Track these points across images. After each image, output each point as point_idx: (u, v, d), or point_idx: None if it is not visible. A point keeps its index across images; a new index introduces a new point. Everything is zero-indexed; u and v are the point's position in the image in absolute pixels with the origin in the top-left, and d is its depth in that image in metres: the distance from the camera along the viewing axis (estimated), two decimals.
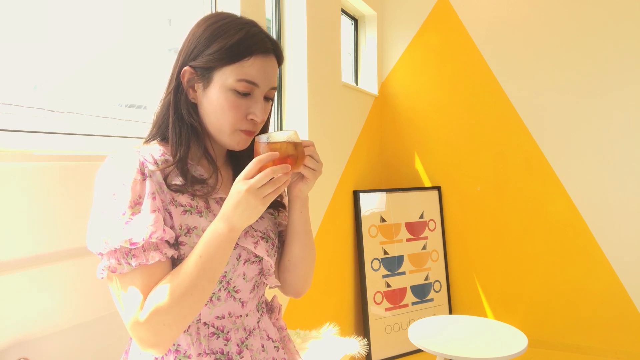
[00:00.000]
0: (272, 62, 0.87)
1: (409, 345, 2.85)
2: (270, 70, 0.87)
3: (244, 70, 0.83)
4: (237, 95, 0.84)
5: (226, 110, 0.84)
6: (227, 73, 0.83)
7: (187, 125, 0.86)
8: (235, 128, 0.86)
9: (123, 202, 0.76)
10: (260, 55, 0.84)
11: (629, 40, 2.70)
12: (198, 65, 0.84)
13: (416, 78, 3.29)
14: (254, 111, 0.85)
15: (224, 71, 0.83)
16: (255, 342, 0.91)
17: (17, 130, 1.09)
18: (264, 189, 0.75)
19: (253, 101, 0.85)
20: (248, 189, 0.74)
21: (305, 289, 1.02)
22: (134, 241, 0.74)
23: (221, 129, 0.86)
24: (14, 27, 1.15)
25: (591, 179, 2.81)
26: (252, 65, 0.83)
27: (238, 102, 0.84)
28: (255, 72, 0.84)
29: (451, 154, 3.19)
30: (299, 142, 0.83)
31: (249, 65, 0.83)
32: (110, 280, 0.79)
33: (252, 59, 0.83)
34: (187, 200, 0.83)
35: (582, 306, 2.85)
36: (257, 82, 0.84)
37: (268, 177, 0.74)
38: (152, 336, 0.75)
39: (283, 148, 0.80)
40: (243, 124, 0.86)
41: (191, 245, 0.81)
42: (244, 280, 0.89)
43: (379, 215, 3.00)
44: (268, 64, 0.86)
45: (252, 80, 0.84)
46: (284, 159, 0.79)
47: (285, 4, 2.29)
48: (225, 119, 0.84)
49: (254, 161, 0.76)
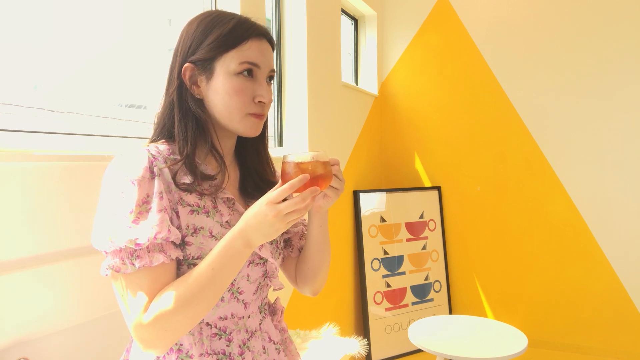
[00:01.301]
0: (267, 45, 0.90)
1: (409, 345, 2.85)
2: (267, 52, 0.89)
3: (244, 53, 0.85)
4: (243, 79, 0.85)
5: (233, 95, 0.85)
6: (228, 59, 0.84)
7: (193, 121, 0.86)
8: (245, 112, 0.86)
9: (131, 201, 0.76)
10: (255, 38, 0.87)
11: (629, 40, 2.70)
12: (198, 59, 0.85)
13: (416, 78, 3.29)
14: (260, 93, 0.87)
15: (224, 58, 0.85)
16: (257, 343, 0.91)
17: (17, 130, 1.09)
18: (291, 215, 0.74)
19: (257, 84, 0.87)
20: (275, 215, 0.74)
21: (322, 288, 1.06)
22: (138, 242, 0.74)
23: (231, 117, 0.86)
24: (14, 27, 1.15)
25: (591, 179, 2.81)
26: (250, 48, 0.85)
27: (244, 85, 0.85)
28: (255, 54, 0.86)
29: (451, 154, 3.19)
30: (327, 162, 0.82)
31: (247, 48, 0.85)
32: (114, 279, 0.79)
33: (249, 42, 0.86)
34: (195, 200, 0.83)
35: (582, 306, 2.85)
36: (258, 63, 0.86)
37: (297, 205, 0.74)
38: (153, 339, 0.75)
39: (312, 168, 0.79)
40: (251, 107, 0.87)
41: (197, 245, 0.81)
42: (248, 282, 0.89)
43: (379, 215, 3.00)
44: (264, 46, 0.88)
45: (253, 62, 0.85)
46: (313, 180, 0.78)
47: (285, 4, 2.29)
48: (234, 104, 0.85)
49: (285, 187, 0.75)
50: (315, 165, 0.79)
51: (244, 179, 0.96)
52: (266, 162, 0.99)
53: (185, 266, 0.81)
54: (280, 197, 0.74)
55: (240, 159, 0.98)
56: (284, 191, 0.75)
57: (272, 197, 0.74)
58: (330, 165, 0.83)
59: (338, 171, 0.87)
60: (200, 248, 0.81)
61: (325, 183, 0.81)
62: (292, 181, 0.75)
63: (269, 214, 0.74)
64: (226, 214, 0.86)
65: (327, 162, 0.82)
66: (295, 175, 0.77)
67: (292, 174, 0.79)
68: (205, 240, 0.82)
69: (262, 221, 0.74)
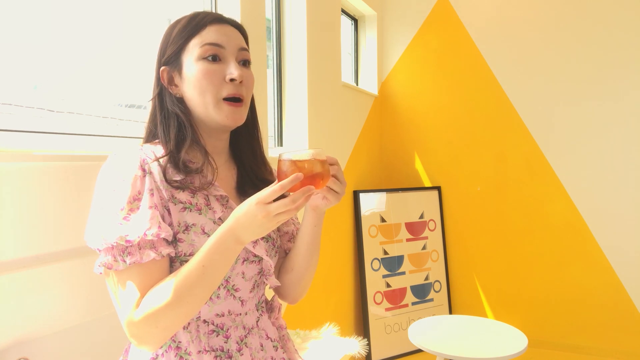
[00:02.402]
0: (230, 28, 0.90)
1: (409, 345, 2.85)
2: (231, 33, 0.89)
3: (203, 37, 0.86)
4: (208, 62, 0.86)
5: (202, 80, 0.85)
6: (190, 48, 0.87)
7: (173, 119, 0.88)
8: (218, 97, 0.86)
9: (122, 198, 0.77)
10: (215, 23, 0.88)
11: (630, 41, 2.69)
12: (168, 57, 0.88)
13: (416, 78, 3.29)
14: (230, 71, 0.86)
15: (187, 48, 0.87)
16: (254, 340, 0.91)
17: (17, 130, 1.09)
18: (281, 215, 0.73)
19: (225, 64, 0.87)
20: (265, 216, 0.72)
21: (302, 297, 1.04)
22: (129, 238, 0.75)
23: (206, 104, 0.86)
24: (14, 27, 1.15)
25: (591, 179, 2.81)
26: (209, 31, 0.87)
27: (211, 68, 0.86)
28: (215, 35, 0.87)
29: (451, 154, 3.19)
30: (325, 160, 0.79)
31: (206, 32, 0.87)
32: (107, 277, 0.80)
33: (207, 27, 0.87)
34: (187, 198, 0.83)
35: (582, 306, 2.85)
36: (221, 43, 0.87)
37: (287, 206, 0.72)
38: (145, 335, 0.76)
39: (308, 166, 0.75)
40: (224, 88, 0.86)
41: (189, 243, 0.81)
42: (243, 279, 0.89)
43: (379, 215, 3.00)
44: (227, 28, 0.89)
45: (215, 42, 0.86)
46: (309, 178, 0.75)
47: (285, 4, 2.29)
48: (206, 89, 0.85)
49: (276, 187, 0.73)
50: (312, 164, 0.76)
51: (241, 177, 0.96)
52: (262, 161, 0.99)
53: (177, 263, 0.82)
54: (270, 198, 0.73)
55: (236, 158, 0.99)
56: (274, 192, 0.73)
57: (263, 197, 0.73)
58: (327, 164, 0.80)
59: (338, 172, 0.85)
60: (192, 245, 0.81)
61: (322, 182, 0.77)
62: (283, 182, 0.73)
63: (258, 215, 0.73)
64: (219, 211, 0.86)
65: (324, 161, 0.78)
66: (291, 174, 0.74)
67: (287, 172, 0.76)
68: (197, 237, 0.82)
69: (251, 221, 0.74)
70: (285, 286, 1.01)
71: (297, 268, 0.99)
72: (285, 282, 1.01)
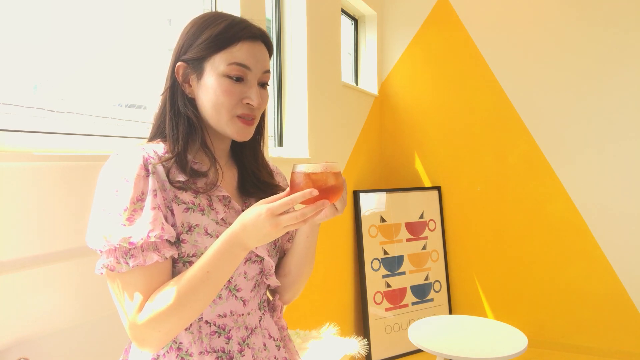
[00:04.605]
0: (261, 47, 0.87)
1: (409, 345, 2.85)
2: (260, 54, 0.87)
3: (234, 54, 0.84)
4: (231, 81, 0.84)
5: (220, 96, 0.84)
6: (217, 61, 0.84)
7: (183, 119, 0.86)
8: (232, 114, 0.85)
9: (125, 199, 0.76)
10: (247, 40, 0.85)
11: (629, 40, 2.70)
12: (189, 58, 0.85)
13: (416, 78, 3.29)
14: (249, 95, 0.85)
15: (214, 59, 0.84)
16: (257, 340, 0.91)
17: (17, 130, 1.09)
18: (289, 227, 0.73)
19: (247, 86, 0.86)
20: (274, 226, 0.72)
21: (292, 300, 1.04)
22: (132, 241, 0.74)
23: (219, 118, 0.86)
24: (14, 27, 1.15)
25: (591, 179, 2.81)
26: (240, 49, 0.84)
27: (232, 87, 0.84)
28: (245, 55, 0.84)
29: (451, 154, 3.19)
30: (339, 172, 0.76)
31: (237, 50, 0.84)
32: (109, 278, 0.79)
33: (239, 44, 0.84)
34: (190, 198, 0.83)
35: (582, 306, 2.85)
36: (249, 65, 0.85)
37: (297, 219, 0.71)
38: (148, 338, 0.76)
39: (323, 179, 0.74)
40: (239, 108, 0.85)
41: (192, 243, 0.81)
42: (245, 279, 0.89)
43: (379, 215, 3.00)
44: (257, 48, 0.86)
45: (243, 63, 0.84)
46: (324, 191, 0.73)
47: (285, 4, 2.29)
48: (221, 105, 0.84)
49: (287, 200, 0.72)
50: (327, 176, 0.74)
51: (242, 178, 0.96)
52: (262, 165, 0.99)
53: (180, 264, 0.81)
54: (281, 210, 0.72)
55: (237, 160, 0.98)
56: (285, 204, 0.72)
57: (273, 208, 0.72)
58: (341, 177, 0.78)
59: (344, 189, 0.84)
60: (195, 246, 0.81)
61: (336, 196, 0.75)
62: (294, 195, 0.72)
63: (267, 225, 0.72)
64: (221, 212, 0.86)
65: (338, 173, 0.76)
66: (306, 186, 0.73)
67: (301, 184, 0.74)
68: (200, 237, 0.82)
69: (259, 229, 0.73)
70: (279, 288, 1.03)
71: (290, 274, 1.00)
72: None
